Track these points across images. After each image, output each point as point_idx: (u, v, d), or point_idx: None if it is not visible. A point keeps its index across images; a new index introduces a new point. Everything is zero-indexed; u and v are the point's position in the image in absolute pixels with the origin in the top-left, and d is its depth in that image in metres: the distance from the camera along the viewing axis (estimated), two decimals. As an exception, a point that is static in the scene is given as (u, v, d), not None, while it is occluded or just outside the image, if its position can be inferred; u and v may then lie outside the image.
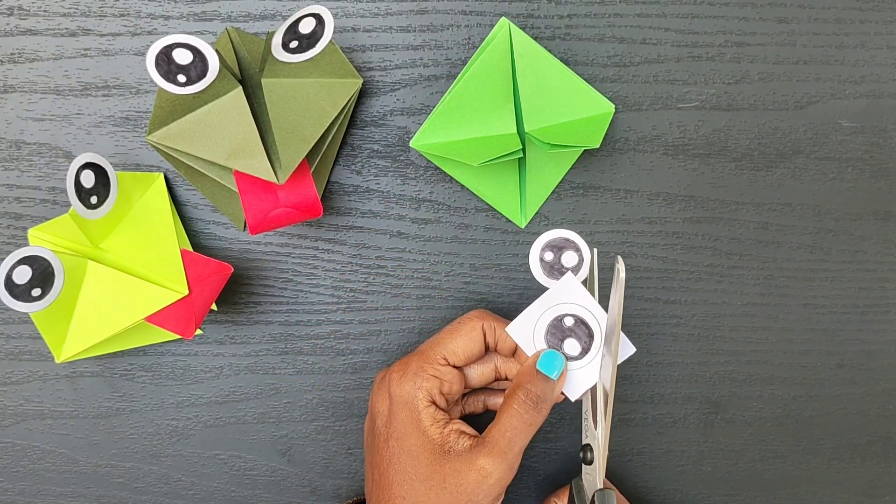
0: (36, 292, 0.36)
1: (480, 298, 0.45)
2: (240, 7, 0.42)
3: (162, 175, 0.43)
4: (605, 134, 0.43)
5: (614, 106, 0.43)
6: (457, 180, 0.44)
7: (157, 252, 0.40)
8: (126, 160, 0.43)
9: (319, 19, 0.36)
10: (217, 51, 0.35)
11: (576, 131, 0.41)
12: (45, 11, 0.42)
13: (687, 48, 0.44)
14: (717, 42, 0.44)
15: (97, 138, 0.43)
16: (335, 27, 0.43)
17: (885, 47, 0.45)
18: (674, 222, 0.45)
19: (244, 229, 0.44)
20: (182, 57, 0.35)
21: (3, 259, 0.35)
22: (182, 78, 0.35)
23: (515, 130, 0.42)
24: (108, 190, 0.38)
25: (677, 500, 0.48)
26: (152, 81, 0.42)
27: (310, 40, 0.36)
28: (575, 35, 0.44)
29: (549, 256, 0.39)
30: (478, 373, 0.40)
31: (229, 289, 0.44)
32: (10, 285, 0.35)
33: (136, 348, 0.45)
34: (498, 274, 0.45)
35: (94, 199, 0.37)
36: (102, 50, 0.42)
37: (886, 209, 0.46)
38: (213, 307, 0.42)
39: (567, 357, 0.38)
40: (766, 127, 0.45)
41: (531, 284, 0.45)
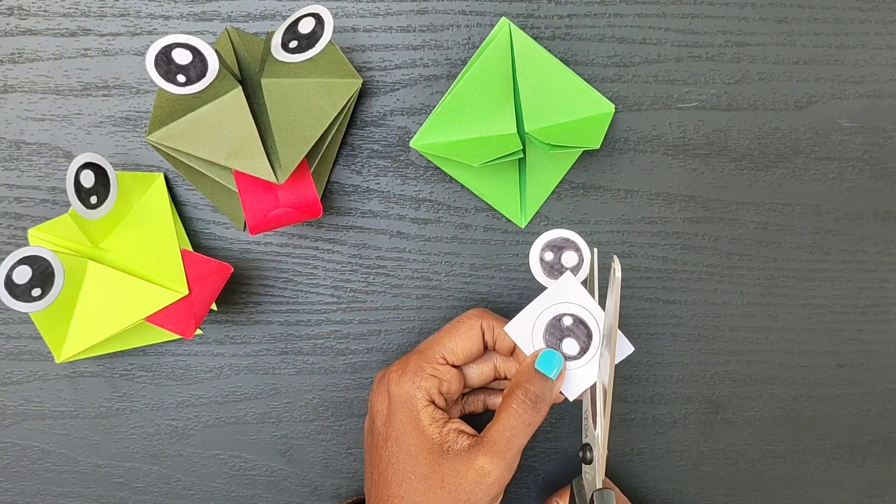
0: (36, 292, 0.36)
1: (480, 298, 0.45)
2: (240, 7, 0.42)
3: (162, 175, 0.43)
4: (605, 134, 0.43)
5: (614, 106, 0.43)
6: (457, 180, 0.44)
7: (157, 252, 0.40)
8: (126, 160, 0.43)
9: (319, 19, 0.36)
10: (217, 51, 0.35)
11: (576, 131, 0.41)
12: (45, 11, 0.42)
13: (687, 48, 0.44)
14: (717, 42, 0.44)
15: (97, 138, 0.43)
16: (335, 27, 0.43)
17: (885, 47, 0.45)
18: (674, 222, 0.45)
19: (244, 229, 0.44)
20: (182, 57, 0.35)
21: (3, 259, 0.35)
22: (182, 78, 0.35)
23: (515, 130, 0.42)
24: (108, 190, 0.38)
25: (677, 500, 0.48)
26: (152, 81, 0.42)
27: (309, 40, 0.36)
28: (575, 35, 0.44)
29: (549, 256, 0.39)
30: (477, 372, 0.40)
31: (229, 289, 0.44)
32: (10, 285, 0.35)
33: (136, 348, 0.45)
34: (498, 274, 0.45)
35: (93, 199, 0.37)
36: (102, 50, 0.42)
37: (886, 209, 0.46)
38: (213, 307, 0.42)
39: (565, 357, 0.38)
40: (766, 127, 0.45)
41: (531, 284, 0.45)
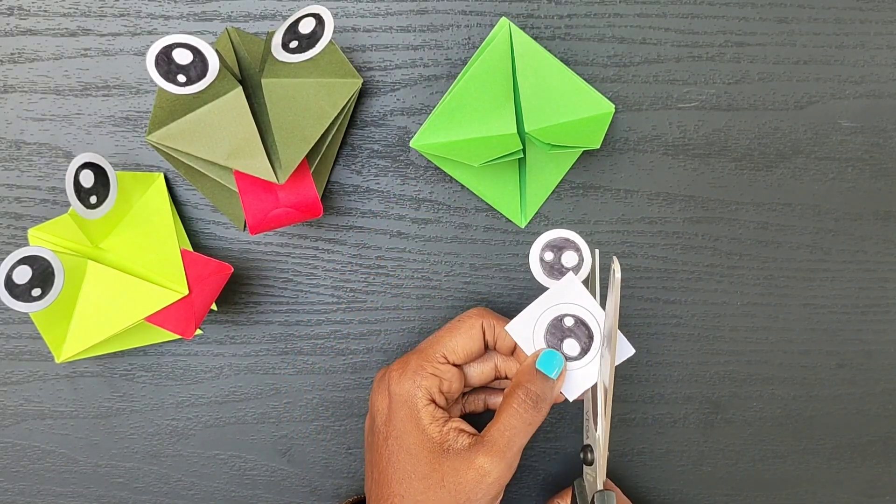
0: (36, 292, 0.36)
1: (480, 298, 0.45)
2: (240, 7, 0.42)
3: (162, 175, 0.43)
4: (605, 134, 0.43)
5: (614, 106, 0.43)
6: (457, 180, 0.44)
7: (157, 252, 0.40)
8: (126, 160, 0.43)
9: (319, 19, 0.36)
10: (217, 51, 0.35)
11: (576, 131, 0.41)
12: (45, 11, 0.42)
13: (687, 48, 0.44)
14: (717, 42, 0.44)
15: (97, 138, 0.43)
16: (335, 27, 0.43)
17: (885, 47, 0.45)
18: (674, 222, 0.45)
19: (244, 229, 0.44)
20: (182, 57, 0.35)
21: (3, 259, 0.35)
22: (182, 78, 0.35)
23: (515, 130, 0.42)
24: (108, 190, 0.38)
25: (677, 500, 0.48)
26: (152, 81, 0.42)
27: (310, 40, 0.36)
28: (575, 35, 0.44)
29: (549, 256, 0.39)
30: (477, 371, 0.40)
31: (229, 289, 0.44)
32: (10, 285, 0.35)
33: (136, 348, 0.45)
34: (498, 274, 0.45)
35: (93, 199, 0.37)
36: (102, 50, 0.42)
37: (886, 209, 0.46)
38: (213, 307, 0.42)
39: (566, 357, 0.38)
40: (766, 127, 0.45)
41: (531, 284, 0.45)
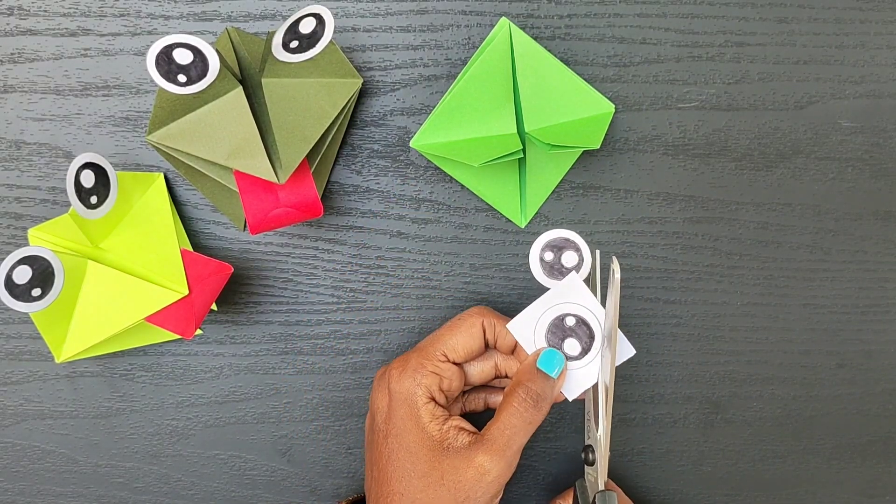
0: (36, 292, 0.36)
1: (480, 298, 0.45)
2: (240, 7, 0.42)
3: (162, 175, 0.43)
4: (605, 134, 0.43)
5: (614, 106, 0.43)
6: (457, 180, 0.44)
7: (157, 252, 0.40)
8: (126, 160, 0.43)
9: (319, 19, 0.36)
10: (217, 51, 0.35)
11: (576, 131, 0.41)
12: (45, 11, 0.42)
13: (687, 48, 0.44)
14: (717, 42, 0.44)
15: (97, 138, 0.43)
16: (335, 27, 0.43)
17: (885, 47, 0.45)
18: (674, 222, 0.45)
19: (244, 229, 0.44)
20: (182, 57, 0.35)
21: (3, 259, 0.35)
22: (182, 78, 0.35)
23: (515, 130, 0.42)
24: (108, 190, 0.38)
25: (677, 500, 0.48)
26: (152, 81, 0.42)
27: (310, 40, 0.36)
28: (575, 35, 0.44)
29: (549, 256, 0.39)
30: (478, 370, 0.40)
31: (229, 289, 0.44)
32: (10, 285, 0.35)
33: (136, 348, 0.45)
34: (498, 274, 0.45)
35: (94, 199, 0.37)
36: (102, 50, 0.42)
37: (886, 209, 0.46)
38: (213, 307, 0.42)
39: (567, 357, 0.38)
40: (766, 127, 0.45)
41: (531, 284, 0.45)
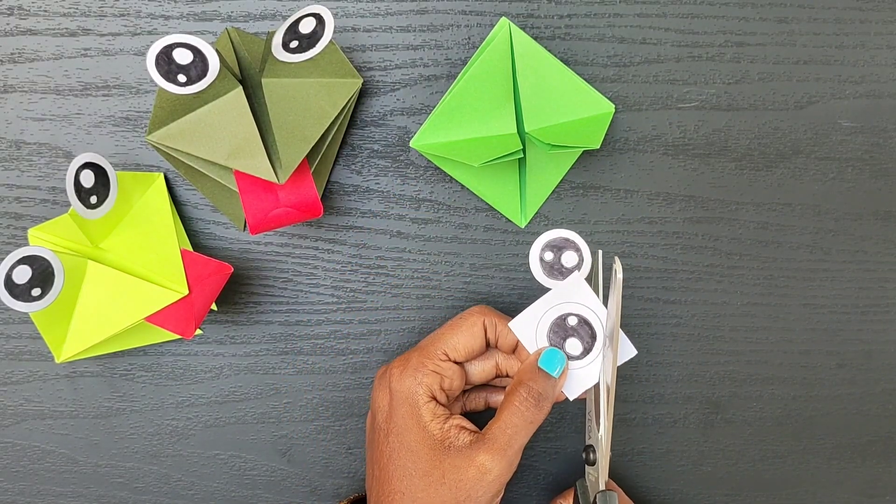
0: (36, 292, 0.36)
1: (480, 298, 0.45)
2: (240, 7, 0.42)
3: (162, 175, 0.43)
4: (605, 134, 0.43)
5: (614, 106, 0.43)
6: (457, 180, 0.44)
7: (157, 252, 0.40)
8: (126, 160, 0.43)
9: (319, 19, 0.36)
10: (217, 51, 0.35)
11: (576, 131, 0.41)
12: (45, 11, 0.42)
13: (687, 48, 0.44)
14: (717, 42, 0.44)
15: (97, 138, 0.43)
16: (335, 27, 0.43)
17: (885, 47, 0.45)
18: (674, 222, 0.45)
19: (244, 229, 0.44)
20: (182, 57, 0.35)
21: (3, 259, 0.35)
22: (182, 78, 0.35)
23: (515, 130, 0.42)
24: (108, 190, 0.38)
25: (677, 500, 0.48)
26: (152, 81, 0.42)
27: (310, 40, 0.36)
28: (575, 35, 0.44)
29: (549, 256, 0.39)
30: (479, 369, 0.40)
31: (229, 289, 0.44)
32: (10, 285, 0.35)
33: (136, 348, 0.45)
34: (498, 274, 0.45)
35: (93, 199, 0.37)
36: (102, 50, 0.42)
37: (886, 209, 0.46)
38: (213, 307, 0.42)
39: (568, 356, 0.38)
40: (766, 127, 0.45)
41: (531, 284, 0.45)
